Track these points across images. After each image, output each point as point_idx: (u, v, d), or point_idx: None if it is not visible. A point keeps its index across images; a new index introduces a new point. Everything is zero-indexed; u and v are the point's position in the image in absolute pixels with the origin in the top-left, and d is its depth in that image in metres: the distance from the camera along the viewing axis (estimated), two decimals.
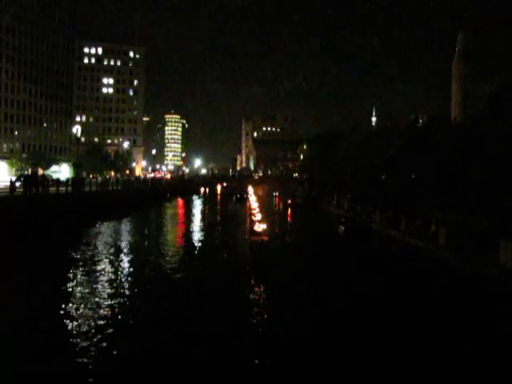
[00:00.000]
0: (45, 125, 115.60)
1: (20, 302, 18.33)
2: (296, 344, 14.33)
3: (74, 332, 14.79)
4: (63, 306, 17.47)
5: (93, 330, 14.86)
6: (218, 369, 12.58)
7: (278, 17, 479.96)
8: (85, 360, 12.68)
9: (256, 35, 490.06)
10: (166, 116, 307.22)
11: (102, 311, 16.86)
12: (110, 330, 15.02)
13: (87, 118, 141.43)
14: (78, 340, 14.01)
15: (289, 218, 58.09)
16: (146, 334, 15.11)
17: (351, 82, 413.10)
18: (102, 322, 15.63)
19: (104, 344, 13.84)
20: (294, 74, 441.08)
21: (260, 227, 28.69)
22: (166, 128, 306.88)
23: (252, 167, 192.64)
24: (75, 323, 15.55)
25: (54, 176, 71.93)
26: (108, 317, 16.26)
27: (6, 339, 14.31)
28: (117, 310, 17.18)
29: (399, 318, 17.10)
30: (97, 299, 18.34)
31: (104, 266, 24.78)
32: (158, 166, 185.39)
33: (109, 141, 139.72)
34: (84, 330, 14.95)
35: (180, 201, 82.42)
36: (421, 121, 55.05)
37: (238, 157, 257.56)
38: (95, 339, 14.11)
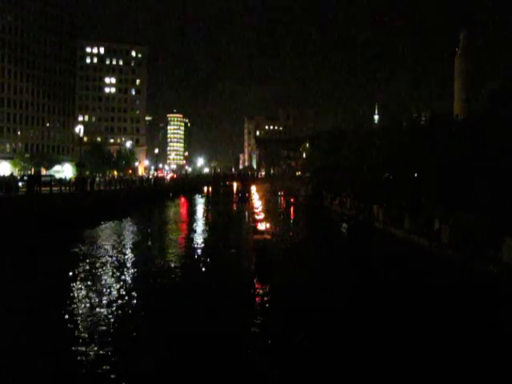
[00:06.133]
0: (47, 125, 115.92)
1: (20, 302, 18.35)
2: (296, 343, 14.34)
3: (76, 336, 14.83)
4: (65, 306, 17.52)
5: (94, 336, 14.89)
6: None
7: (280, 16, 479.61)
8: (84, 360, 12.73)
9: (257, 35, 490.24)
10: (169, 115, 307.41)
11: (103, 314, 16.88)
12: (113, 336, 15.03)
13: (90, 118, 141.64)
14: (79, 342, 14.07)
15: (292, 217, 58.10)
16: (147, 336, 15.13)
17: (353, 80, 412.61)
18: (104, 328, 15.64)
19: (107, 350, 13.85)
20: (296, 72, 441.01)
21: (263, 226, 28.66)
22: (169, 127, 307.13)
23: (255, 166, 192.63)
24: (76, 328, 15.57)
25: (57, 176, 72.15)
26: (110, 321, 16.25)
27: (8, 340, 14.37)
28: (119, 311, 17.20)
29: (401, 316, 17.06)
30: (99, 301, 18.38)
31: (105, 266, 24.80)
32: (160, 166, 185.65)
33: (111, 140, 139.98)
34: (85, 336, 14.98)
35: (183, 200, 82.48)
36: (423, 118, 54.75)
37: (241, 155, 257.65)
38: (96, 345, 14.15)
